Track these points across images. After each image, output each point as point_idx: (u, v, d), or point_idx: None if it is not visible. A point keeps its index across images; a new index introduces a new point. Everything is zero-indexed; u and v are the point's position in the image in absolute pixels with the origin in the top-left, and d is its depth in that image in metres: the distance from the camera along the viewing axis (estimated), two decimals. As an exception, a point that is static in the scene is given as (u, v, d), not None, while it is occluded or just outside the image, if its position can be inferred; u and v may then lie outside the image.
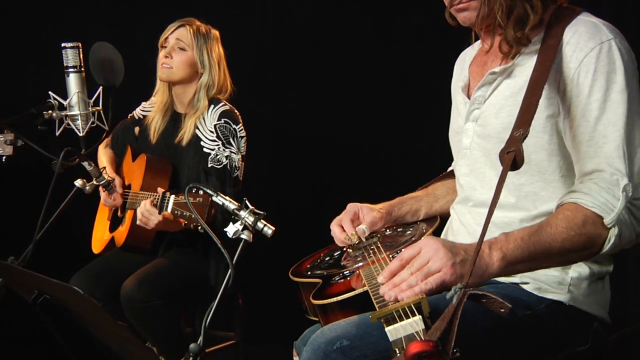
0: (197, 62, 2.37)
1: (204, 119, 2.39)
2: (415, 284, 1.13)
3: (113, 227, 2.52)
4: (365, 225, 1.58)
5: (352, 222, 1.60)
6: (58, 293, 1.38)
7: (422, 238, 1.20)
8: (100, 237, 2.58)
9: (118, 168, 2.60)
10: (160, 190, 2.16)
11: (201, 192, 1.66)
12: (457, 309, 0.97)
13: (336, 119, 3.11)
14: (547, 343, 1.34)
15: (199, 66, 2.38)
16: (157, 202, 2.11)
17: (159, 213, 2.10)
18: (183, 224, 1.88)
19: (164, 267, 2.32)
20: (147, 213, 2.14)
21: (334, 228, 1.61)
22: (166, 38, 2.39)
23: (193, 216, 1.73)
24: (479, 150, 1.45)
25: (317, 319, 1.45)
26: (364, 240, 1.57)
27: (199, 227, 1.58)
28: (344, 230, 1.59)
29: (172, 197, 1.95)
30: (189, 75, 2.39)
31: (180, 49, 2.36)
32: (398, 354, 0.93)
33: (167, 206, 2.04)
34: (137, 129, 2.61)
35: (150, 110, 2.56)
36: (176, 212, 1.85)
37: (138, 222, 2.19)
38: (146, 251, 2.41)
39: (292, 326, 1.69)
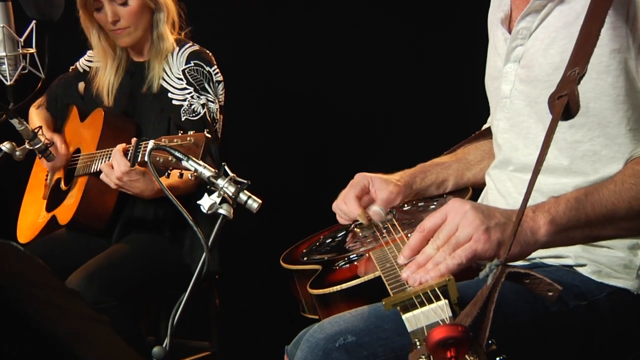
0: (146, 2, 2.40)
1: (169, 66, 2.44)
2: (442, 261, 1.14)
3: (52, 206, 2.54)
4: (380, 206, 1.59)
5: (359, 200, 1.61)
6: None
7: (448, 202, 1.22)
8: (31, 221, 2.61)
9: (58, 132, 2.62)
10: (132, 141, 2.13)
11: (190, 138, 1.67)
12: (493, 290, 1.00)
13: (337, 77, 3.11)
14: (606, 342, 1.37)
15: (149, 4, 2.41)
16: (131, 152, 2.08)
17: (132, 165, 2.07)
18: (165, 175, 1.81)
19: (121, 257, 2.34)
20: (118, 165, 2.10)
21: (340, 206, 1.62)
22: None
23: (183, 158, 1.67)
24: (521, 99, 1.47)
25: (316, 317, 1.49)
26: (380, 225, 1.58)
27: (192, 174, 1.58)
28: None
29: (152, 141, 1.90)
30: (148, 20, 2.43)
31: (123, 4, 2.37)
32: (418, 346, 0.96)
33: (144, 154, 1.99)
34: (81, 85, 2.63)
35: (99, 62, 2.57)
36: (157, 158, 1.87)
37: (102, 176, 2.18)
38: (98, 232, 2.44)
39: (283, 328, 1.74)
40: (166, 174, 1.85)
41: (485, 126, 1.81)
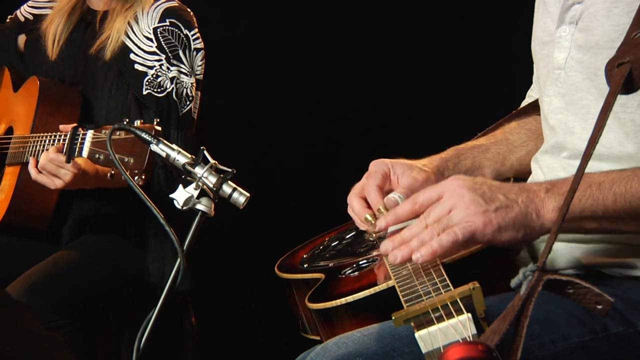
0: None
1: (135, 19, 2.49)
2: (429, 240, 1.28)
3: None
4: (399, 194, 1.63)
5: (381, 190, 1.65)
6: None
7: (448, 178, 1.34)
8: None
9: None
10: (65, 127, 2.18)
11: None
12: (527, 302, 1.03)
13: (342, 43, 3.18)
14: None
15: None
16: (66, 144, 2.07)
17: (68, 161, 2.08)
18: (109, 174, 1.86)
19: (72, 264, 2.38)
20: (52, 166, 2.16)
21: (353, 201, 1.66)
22: None
23: (127, 160, 1.73)
24: (579, 70, 1.51)
25: (319, 338, 1.55)
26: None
27: (139, 175, 1.63)
28: (369, 206, 1.63)
29: (90, 132, 1.96)
30: None
31: None
32: (434, 370, 1.02)
33: (81, 149, 1.99)
34: (21, 39, 2.68)
35: (47, 8, 2.63)
36: (97, 155, 1.89)
37: (35, 177, 2.22)
38: (40, 234, 2.48)
39: (277, 353, 1.80)
40: (108, 174, 1.93)
41: (526, 101, 1.86)
